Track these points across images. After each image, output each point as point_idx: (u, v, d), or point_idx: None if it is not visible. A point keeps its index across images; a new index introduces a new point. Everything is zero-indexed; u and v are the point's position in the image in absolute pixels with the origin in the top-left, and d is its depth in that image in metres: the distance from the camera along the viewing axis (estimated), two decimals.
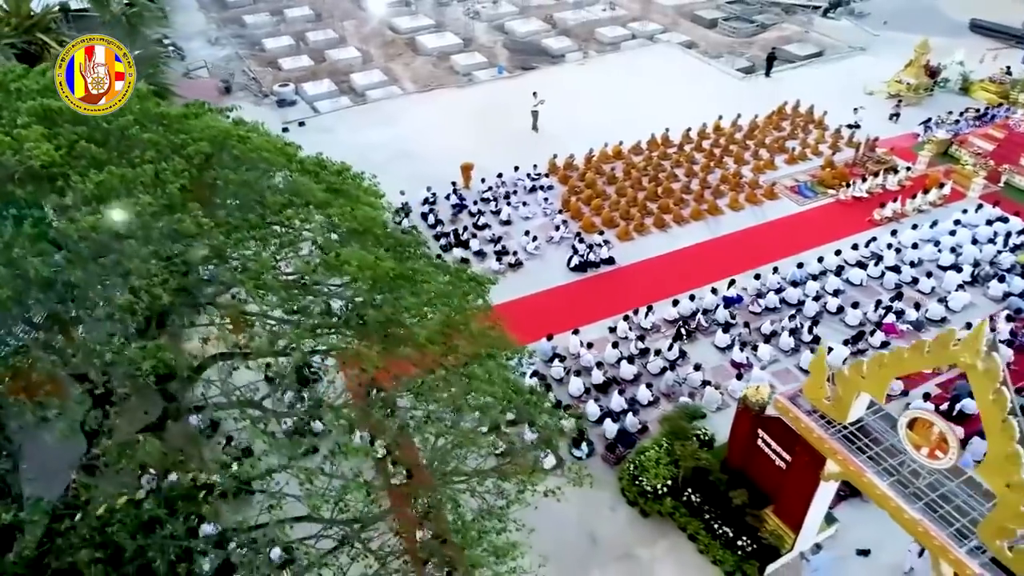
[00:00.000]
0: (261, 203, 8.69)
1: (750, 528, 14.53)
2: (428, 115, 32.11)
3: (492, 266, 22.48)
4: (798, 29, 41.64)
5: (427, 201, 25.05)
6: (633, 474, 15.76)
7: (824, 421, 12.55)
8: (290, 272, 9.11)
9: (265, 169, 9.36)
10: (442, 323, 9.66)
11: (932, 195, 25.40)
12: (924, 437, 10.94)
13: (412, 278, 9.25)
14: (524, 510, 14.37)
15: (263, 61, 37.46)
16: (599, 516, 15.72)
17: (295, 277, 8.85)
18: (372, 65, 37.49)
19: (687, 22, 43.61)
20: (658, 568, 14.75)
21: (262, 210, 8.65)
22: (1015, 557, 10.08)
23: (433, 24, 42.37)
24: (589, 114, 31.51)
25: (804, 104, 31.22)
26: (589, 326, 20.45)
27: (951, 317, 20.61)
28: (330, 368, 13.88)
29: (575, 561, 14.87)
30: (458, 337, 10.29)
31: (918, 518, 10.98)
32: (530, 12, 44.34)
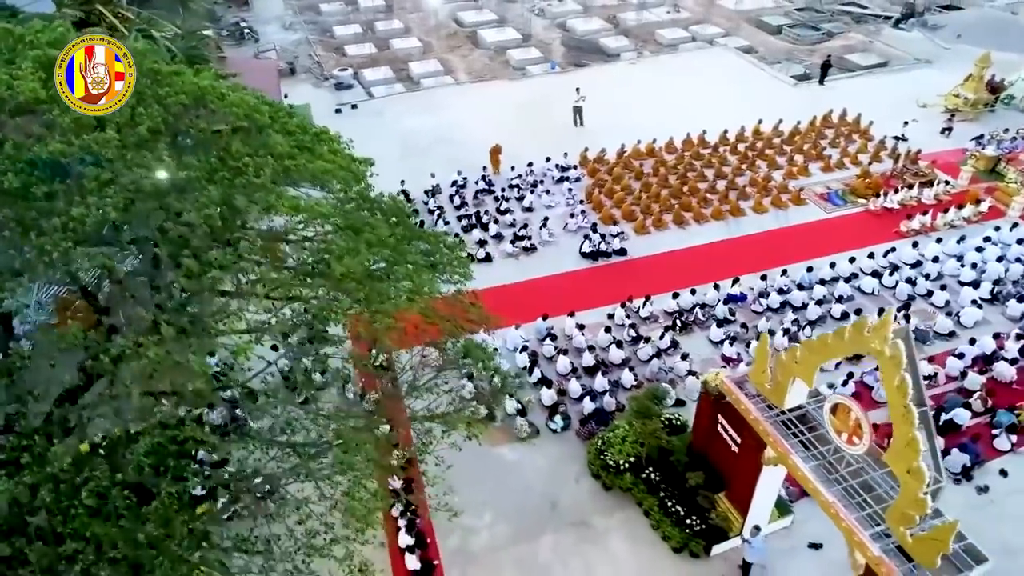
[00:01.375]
0: (226, 150, 9.90)
1: (701, 509, 15.02)
2: (475, 105, 33.32)
3: (507, 248, 23.45)
4: (863, 39, 40.70)
5: (455, 184, 26.25)
6: (600, 449, 16.44)
7: (765, 405, 12.96)
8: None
9: (238, 124, 10.57)
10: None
11: (967, 211, 24.74)
12: (844, 422, 11.28)
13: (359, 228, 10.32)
14: (494, 471, 15.55)
15: (330, 47, 39.63)
16: (563, 485, 16.46)
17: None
18: (431, 55, 39.05)
19: (751, 27, 43.28)
20: (610, 537, 15.38)
21: (225, 156, 9.86)
22: (914, 544, 10.36)
23: (496, 19, 43.64)
24: (633, 112, 31.96)
25: (855, 113, 30.74)
26: (590, 311, 21.11)
27: (961, 332, 20.23)
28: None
29: (533, 522, 15.67)
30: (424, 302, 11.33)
31: (831, 500, 11.33)
32: (593, 11, 45.00)
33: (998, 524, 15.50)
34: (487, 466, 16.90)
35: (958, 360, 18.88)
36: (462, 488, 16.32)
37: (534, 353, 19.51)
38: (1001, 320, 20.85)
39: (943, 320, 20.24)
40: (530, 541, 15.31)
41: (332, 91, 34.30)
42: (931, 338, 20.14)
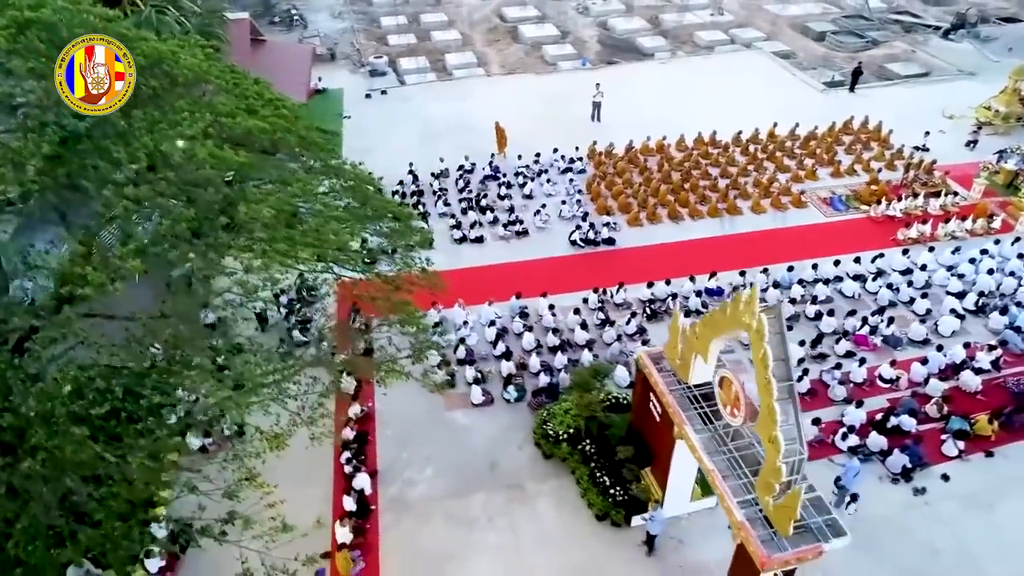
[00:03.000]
0: (171, 104, 11.23)
1: (625, 481, 15.67)
2: (500, 96, 34.37)
3: (499, 232, 24.43)
4: (907, 48, 39.79)
5: (461, 168, 27.39)
6: (544, 419, 17.27)
7: (675, 380, 13.57)
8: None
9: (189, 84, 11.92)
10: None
11: (971, 224, 24.33)
12: (727, 395, 11.84)
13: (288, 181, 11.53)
14: (445, 432, 16.67)
15: (373, 36, 41.40)
16: (506, 450, 17.35)
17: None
18: (468, 48, 40.31)
19: (795, 33, 42.88)
20: (539, 500, 16.19)
21: (167, 109, 11.18)
22: (774, 511, 10.87)
23: (538, 15, 44.57)
24: (653, 110, 32.38)
25: (884, 123, 30.31)
26: (568, 295, 21.86)
27: (937, 341, 20.05)
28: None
29: (470, 481, 16.62)
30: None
31: (711, 468, 11.90)
32: (636, 11, 45.38)
33: (927, 525, 15.65)
34: (440, 427, 17.98)
35: (922, 366, 18.82)
36: (412, 444, 17.53)
37: (504, 328, 20.43)
38: (982, 332, 20.59)
39: (917, 327, 20.15)
40: (464, 497, 16.27)
41: (367, 77, 35.93)
42: (904, 344, 20.08)
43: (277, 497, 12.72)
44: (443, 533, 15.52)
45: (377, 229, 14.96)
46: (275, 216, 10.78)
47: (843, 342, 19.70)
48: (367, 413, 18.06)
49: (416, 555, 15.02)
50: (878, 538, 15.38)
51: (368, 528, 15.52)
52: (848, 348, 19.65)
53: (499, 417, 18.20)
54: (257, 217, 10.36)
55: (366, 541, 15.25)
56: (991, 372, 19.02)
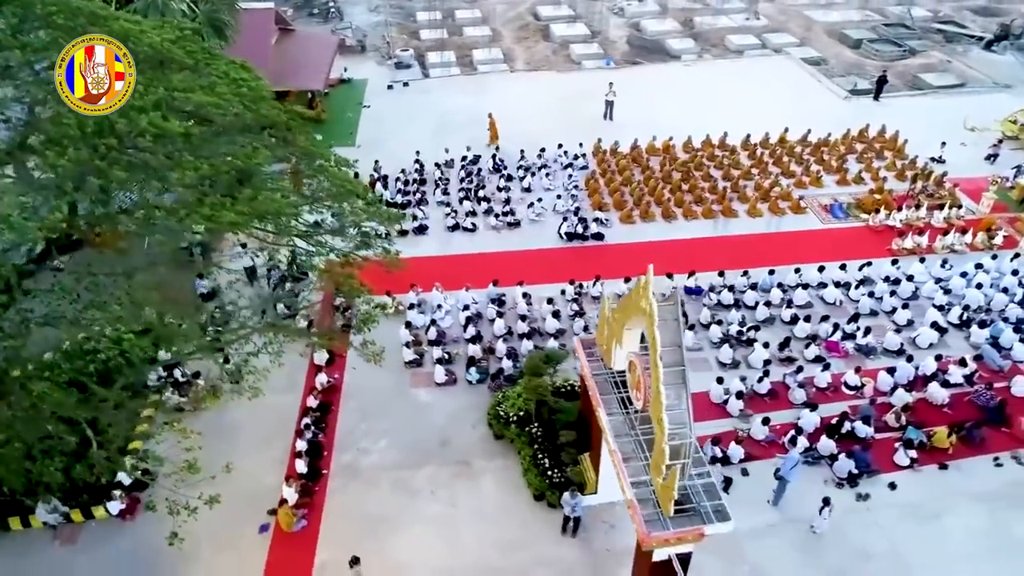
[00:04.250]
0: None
1: (563, 464, 16.12)
2: (519, 91, 34.98)
3: (491, 222, 25.05)
4: (943, 58, 38.67)
5: (465, 159, 28.13)
6: (498, 401, 17.84)
7: (601, 365, 13.97)
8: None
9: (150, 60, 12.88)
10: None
11: (970, 237, 23.77)
12: (633, 378, 12.20)
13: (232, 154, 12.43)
14: (406, 408, 17.54)
15: (406, 30, 42.51)
16: (460, 429, 17.97)
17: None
18: (497, 44, 41.00)
19: (830, 39, 42.14)
20: (483, 477, 16.76)
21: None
22: (660, 491, 11.22)
23: (571, 15, 44.95)
24: (668, 111, 32.43)
25: (905, 133, 29.71)
26: (548, 285, 22.28)
27: (913, 352, 19.80)
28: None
29: (421, 455, 17.30)
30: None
31: (614, 448, 12.29)
32: (670, 13, 45.31)
33: (865, 530, 15.62)
34: (402, 403, 18.75)
35: (889, 375, 18.64)
36: (373, 417, 18.35)
37: (479, 314, 21.05)
38: (964, 346, 20.20)
39: (892, 337, 19.91)
40: (412, 469, 16.98)
41: (392, 69, 37.02)
42: (878, 353, 19.89)
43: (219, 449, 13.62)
44: (386, 500, 16.26)
45: (338, 208, 15.83)
46: (202, 182, 11.66)
47: (812, 347, 19.63)
48: (333, 384, 18.95)
49: (357, 518, 15.80)
50: (812, 538, 15.45)
51: (316, 490, 16.37)
52: (817, 353, 19.57)
53: (459, 397, 18.84)
54: (185, 183, 11.26)
55: (312, 501, 16.09)
56: (963, 386, 18.69)
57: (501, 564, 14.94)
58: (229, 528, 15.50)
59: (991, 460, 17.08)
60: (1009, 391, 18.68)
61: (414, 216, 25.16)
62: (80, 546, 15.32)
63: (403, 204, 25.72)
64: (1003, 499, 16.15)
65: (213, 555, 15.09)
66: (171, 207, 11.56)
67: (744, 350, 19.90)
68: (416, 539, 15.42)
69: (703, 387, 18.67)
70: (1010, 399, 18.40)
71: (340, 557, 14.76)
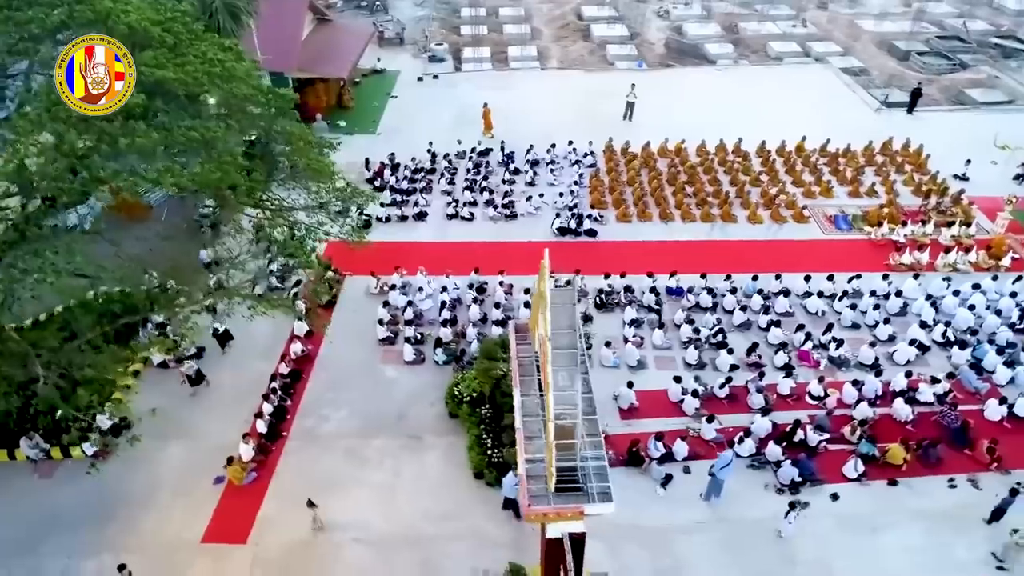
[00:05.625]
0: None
1: (503, 445, 16.62)
2: (545, 89, 35.52)
3: (489, 213, 25.67)
4: (993, 74, 37.08)
5: (474, 150, 28.88)
6: (456, 382, 18.48)
7: (530, 348, 14.40)
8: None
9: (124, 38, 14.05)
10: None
11: (975, 256, 23.02)
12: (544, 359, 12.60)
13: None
14: (372, 382, 18.76)
15: (447, 25, 43.52)
16: (418, 405, 18.68)
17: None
18: (534, 42, 41.54)
19: (877, 50, 40.98)
20: (430, 452, 17.42)
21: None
22: (548, 468, 11.62)
23: (615, 16, 45.06)
24: (692, 115, 32.29)
25: (934, 148, 28.93)
26: (534, 277, 22.70)
27: (890, 368, 19.45)
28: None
29: (376, 426, 18.06)
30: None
31: (519, 427, 12.72)
32: (714, 18, 44.88)
33: (796, 537, 15.61)
34: (369, 377, 19.60)
35: (854, 388, 18.37)
36: (340, 387, 19.28)
37: (458, 299, 21.73)
38: (944, 365, 19.66)
39: (867, 351, 19.56)
40: (366, 438, 17.79)
41: (426, 62, 38.05)
42: (851, 366, 19.59)
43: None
44: (336, 465, 17.12)
45: (308, 186, 16.81)
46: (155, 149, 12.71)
47: (780, 354, 19.50)
48: (307, 354, 19.96)
49: (305, 479, 16.70)
50: (741, 539, 15.49)
51: (273, 450, 17.38)
52: (785, 361, 19.43)
53: (424, 376, 19.55)
54: (135, 149, 12.32)
55: (267, 460, 17.11)
56: (933, 405, 18.25)
57: (429, 532, 15.58)
58: (189, 477, 16.70)
59: (946, 481, 16.69)
60: (981, 414, 18.15)
61: (416, 202, 26.03)
62: (55, 480, 16.74)
63: (408, 191, 26.63)
64: (949, 521, 15.77)
65: (170, 500, 16.27)
66: (115, 171, 12.60)
67: (712, 352, 19.92)
68: (356, 503, 16.20)
69: (665, 386, 18.87)
70: (980, 422, 17.88)
71: (282, 511, 15.79)
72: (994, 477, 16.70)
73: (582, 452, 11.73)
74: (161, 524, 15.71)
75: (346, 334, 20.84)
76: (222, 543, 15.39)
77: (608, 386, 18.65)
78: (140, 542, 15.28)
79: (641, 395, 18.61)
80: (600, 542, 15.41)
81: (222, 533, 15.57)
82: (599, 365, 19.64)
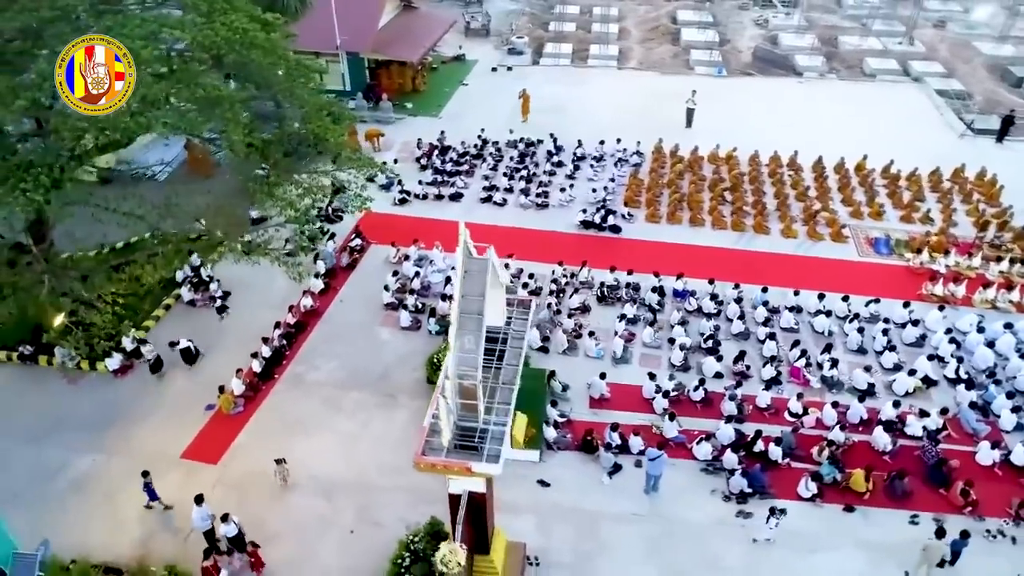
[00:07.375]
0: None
1: None
2: (612, 88, 35.73)
3: (521, 200, 26.41)
4: None
5: (522, 140, 29.69)
6: (440, 350, 19.39)
7: None
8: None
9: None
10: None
11: (1018, 295, 21.41)
12: None
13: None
14: (366, 343, 20.72)
15: (537, 20, 44.42)
16: (403, 369, 19.75)
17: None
18: (618, 43, 41.71)
19: (989, 74, 38.19)
20: (400, 412, 18.37)
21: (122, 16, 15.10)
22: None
23: (708, 22, 44.37)
24: (756, 125, 31.65)
25: (1016, 180, 26.89)
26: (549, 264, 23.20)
27: (885, 396, 18.65)
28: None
29: (358, 381, 19.26)
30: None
31: (439, 384, 13.49)
32: (813, 29, 43.26)
33: (728, 544, 15.51)
34: (366, 337, 20.92)
35: (833, 410, 17.78)
36: (336, 342, 20.70)
37: None
38: (949, 402, 18.56)
39: (859, 375, 18.80)
40: (345, 389, 19.08)
41: (506, 54, 39.14)
42: (844, 388, 18.92)
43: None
44: (312, 410, 18.50)
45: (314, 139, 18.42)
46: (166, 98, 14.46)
47: (768, 367, 19.09)
48: (315, 309, 21.53)
49: (281, 417, 18.20)
50: (669, 537, 15.50)
51: (263, 389, 19.01)
52: (772, 375, 19.01)
53: (415, 342, 20.63)
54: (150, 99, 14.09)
55: (255, 396, 18.75)
56: (922, 439, 17.35)
57: (377, 483, 16.60)
58: (186, 402, 18.60)
59: (908, 516, 15.91)
60: (973, 457, 17.09)
61: (454, 184, 27.17)
62: (79, 387, 19.13)
63: (452, 172, 27.80)
64: (895, 554, 15.02)
65: (165, 418, 18.20)
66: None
67: (700, 357, 19.77)
68: (320, 446, 17.49)
69: (643, 382, 18.99)
70: (969, 465, 16.84)
71: (253, 442, 17.34)
72: (966, 521, 15.71)
73: (485, 416, 12.39)
74: (151, 437, 17.64)
75: (356, 296, 22.29)
76: (197, 461, 17.11)
77: (587, 375, 18.99)
78: (128, 448, 17.27)
79: (616, 388, 18.83)
80: (534, 516, 15.99)
81: (199, 452, 17.31)
82: (583, 355, 20.01)
